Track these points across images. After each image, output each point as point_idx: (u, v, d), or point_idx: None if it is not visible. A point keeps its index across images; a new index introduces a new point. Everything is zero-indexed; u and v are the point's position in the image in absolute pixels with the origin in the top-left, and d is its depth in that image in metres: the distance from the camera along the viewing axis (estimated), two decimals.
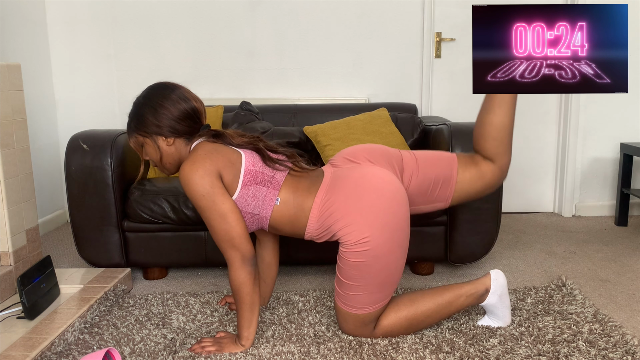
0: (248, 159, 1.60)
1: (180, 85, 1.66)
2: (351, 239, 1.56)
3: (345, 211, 1.57)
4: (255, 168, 1.60)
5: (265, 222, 1.64)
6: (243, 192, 1.57)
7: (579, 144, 3.18)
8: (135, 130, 1.64)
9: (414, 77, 3.18)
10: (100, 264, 2.22)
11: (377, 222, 1.55)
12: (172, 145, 1.63)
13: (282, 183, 1.63)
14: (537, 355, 1.56)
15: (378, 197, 1.57)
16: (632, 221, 3.07)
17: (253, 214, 1.61)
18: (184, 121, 1.61)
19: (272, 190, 1.61)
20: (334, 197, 1.59)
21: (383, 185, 1.60)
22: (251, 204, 1.59)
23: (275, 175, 1.62)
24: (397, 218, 1.59)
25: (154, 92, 1.63)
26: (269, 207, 1.61)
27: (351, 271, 1.58)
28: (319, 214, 1.60)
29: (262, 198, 1.60)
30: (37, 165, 2.91)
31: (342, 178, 1.63)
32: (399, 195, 1.61)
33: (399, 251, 1.61)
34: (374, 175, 1.63)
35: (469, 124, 2.25)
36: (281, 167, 1.64)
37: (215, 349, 1.61)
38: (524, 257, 2.50)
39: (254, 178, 1.58)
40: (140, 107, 1.63)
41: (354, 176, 1.63)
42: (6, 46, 2.74)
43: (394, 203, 1.59)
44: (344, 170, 1.66)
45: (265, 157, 1.63)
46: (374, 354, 1.59)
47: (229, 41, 3.13)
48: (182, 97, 1.62)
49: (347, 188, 1.60)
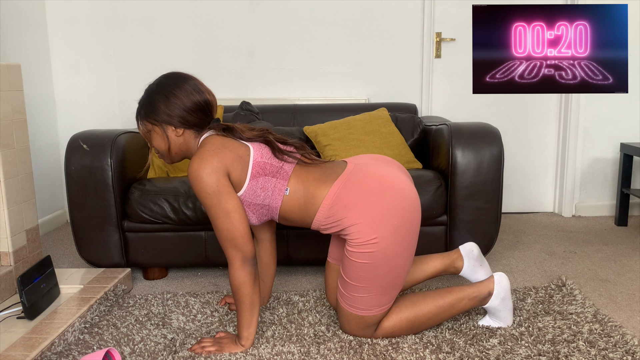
0: (256, 151, 1.59)
1: (194, 76, 1.65)
2: (360, 237, 1.54)
3: (361, 206, 1.55)
4: (264, 160, 1.59)
5: (276, 212, 1.63)
6: (252, 183, 1.57)
7: (579, 144, 3.18)
8: (145, 117, 1.62)
9: (414, 77, 3.18)
10: (100, 264, 2.22)
11: (390, 223, 1.54)
12: (181, 136, 1.62)
13: (290, 173, 1.62)
14: (537, 355, 1.56)
15: (397, 198, 1.57)
16: (632, 221, 3.07)
17: (263, 204, 1.60)
18: (196, 113, 1.60)
19: (281, 181, 1.60)
20: (353, 188, 1.57)
21: (405, 188, 1.60)
22: (261, 195, 1.59)
23: (283, 166, 1.61)
24: (410, 222, 1.58)
25: (168, 80, 1.62)
26: (278, 198, 1.61)
27: (357, 272, 1.58)
28: (332, 203, 1.57)
29: (272, 189, 1.59)
30: (37, 165, 2.91)
31: (366, 172, 1.61)
32: (417, 201, 1.62)
33: (406, 255, 1.60)
34: (397, 176, 1.62)
35: (469, 124, 2.25)
36: (290, 159, 1.63)
37: (215, 349, 1.61)
38: (524, 257, 2.50)
39: (262, 169, 1.58)
40: (152, 94, 1.61)
41: (377, 173, 1.61)
42: (6, 46, 2.74)
43: (411, 207, 1.59)
44: (368, 166, 1.64)
45: (275, 149, 1.62)
46: (374, 354, 1.59)
47: (229, 41, 3.13)
48: (195, 89, 1.60)
49: (368, 182, 1.58)
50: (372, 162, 1.68)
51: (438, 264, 1.88)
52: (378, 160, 1.71)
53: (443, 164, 2.22)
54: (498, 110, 3.20)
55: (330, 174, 1.62)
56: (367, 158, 1.72)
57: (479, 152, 2.13)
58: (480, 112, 3.18)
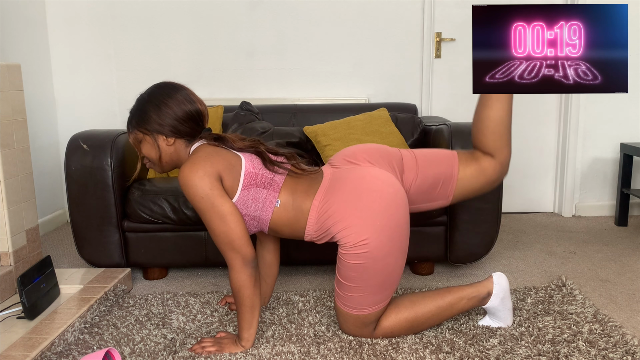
0: (248, 162, 1.60)
1: (185, 86, 1.66)
2: (350, 241, 1.55)
3: (343, 213, 1.57)
4: (255, 170, 1.59)
5: (266, 224, 1.64)
6: (243, 194, 1.57)
7: (579, 144, 3.18)
8: (136, 126, 1.63)
9: (414, 77, 3.18)
10: (100, 264, 2.22)
11: (376, 223, 1.55)
12: (172, 145, 1.63)
13: (281, 185, 1.62)
14: (537, 355, 1.56)
15: (377, 199, 1.57)
16: (632, 221, 3.07)
17: (253, 216, 1.60)
18: (187, 122, 1.61)
19: (272, 193, 1.61)
20: (333, 199, 1.59)
21: (382, 187, 1.60)
22: (251, 207, 1.59)
23: (274, 177, 1.62)
24: (396, 220, 1.58)
25: (159, 90, 1.63)
26: (269, 210, 1.61)
27: (350, 272, 1.58)
28: (318, 216, 1.60)
29: (263, 200, 1.60)
30: (37, 165, 2.91)
31: (341, 179, 1.63)
32: (398, 196, 1.61)
33: (398, 253, 1.60)
34: (372, 176, 1.62)
35: (469, 124, 2.24)
36: (281, 170, 1.64)
37: (215, 349, 1.61)
38: (524, 257, 2.50)
39: (254, 180, 1.58)
40: (144, 103, 1.62)
41: (352, 177, 1.62)
42: (6, 46, 2.74)
43: (393, 204, 1.59)
44: (342, 172, 1.66)
45: (266, 160, 1.62)
46: (374, 354, 1.59)
47: (229, 41, 3.13)
48: (187, 99, 1.61)
49: (345, 190, 1.59)
50: (348, 166, 1.68)
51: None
52: (357, 156, 1.70)
53: None
54: None
55: (314, 185, 1.64)
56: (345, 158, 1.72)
57: None
58: None
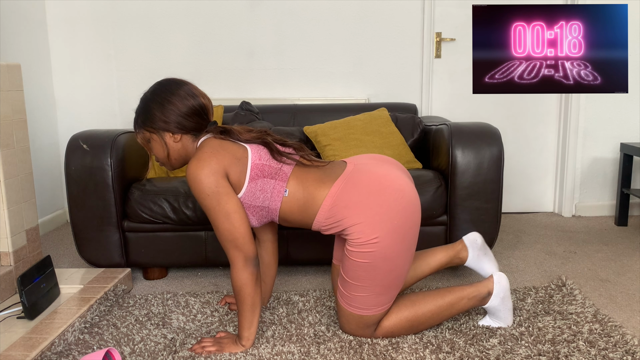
0: (254, 153, 1.59)
1: (188, 81, 1.65)
2: (361, 237, 1.54)
3: (361, 206, 1.55)
4: (262, 161, 1.59)
5: (275, 214, 1.63)
6: (251, 186, 1.57)
7: (579, 144, 3.18)
8: (142, 125, 1.63)
9: (414, 77, 3.18)
10: (100, 264, 2.22)
11: (391, 223, 1.54)
12: (179, 141, 1.62)
13: (289, 175, 1.62)
14: (537, 355, 1.56)
15: (398, 198, 1.57)
16: (632, 221, 3.07)
17: (262, 207, 1.60)
18: (192, 117, 1.61)
19: (280, 182, 1.60)
20: (354, 190, 1.57)
21: (404, 188, 1.60)
22: (260, 197, 1.59)
23: (282, 168, 1.61)
24: (410, 222, 1.58)
25: (161, 87, 1.63)
26: (277, 199, 1.61)
27: (357, 271, 1.58)
28: (332, 204, 1.58)
29: (270, 190, 1.59)
30: (37, 165, 2.91)
31: (365, 172, 1.61)
32: (417, 201, 1.62)
33: (406, 255, 1.60)
34: (397, 176, 1.62)
35: (469, 124, 2.25)
36: (289, 160, 1.63)
37: (215, 349, 1.61)
38: (524, 257, 2.50)
39: (261, 171, 1.58)
40: (147, 102, 1.62)
41: (378, 172, 1.62)
42: (6, 46, 2.74)
43: (412, 205, 1.59)
44: (368, 166, 1.65)
45: (274, 151, 1.62)
46: (374, 354, 1.59)
47: (229, 41, 3.13)
48: (189, 93, 1.61)
49: (369, 182, 1.58)
50: (372, 162, 1.68)
51: (442, 256, 1.89)
52: (377, 160, 1.71)
53: (443, 164, 2.22)
54: (498, 110, 3.20)
55: (330, 174, 1.62)
56: (367, 158, 1.72)
57: (479, 152, 2.13)
58: (480, 112, 3.18)
